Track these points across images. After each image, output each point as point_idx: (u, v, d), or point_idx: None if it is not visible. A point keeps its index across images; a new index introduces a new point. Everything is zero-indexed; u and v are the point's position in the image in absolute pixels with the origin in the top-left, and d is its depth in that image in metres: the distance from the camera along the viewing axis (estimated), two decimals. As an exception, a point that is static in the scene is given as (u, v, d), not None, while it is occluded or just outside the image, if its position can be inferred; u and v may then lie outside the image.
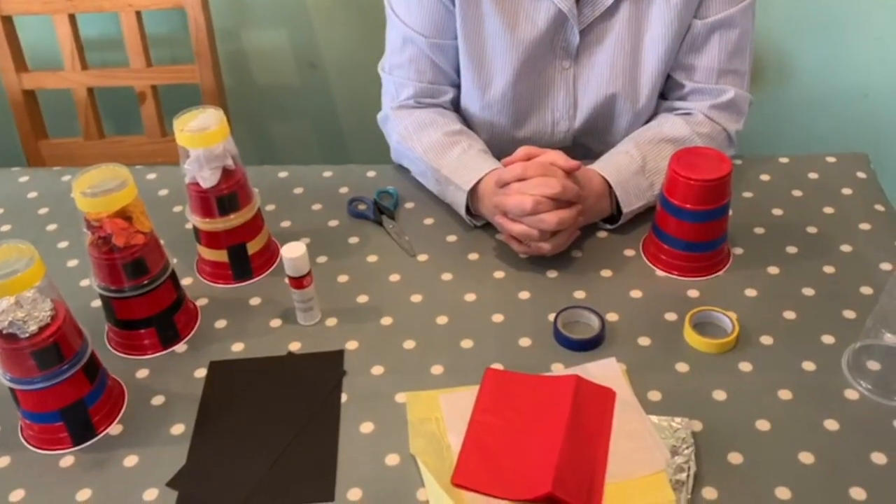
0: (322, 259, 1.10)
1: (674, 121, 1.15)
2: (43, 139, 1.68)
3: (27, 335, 0.82)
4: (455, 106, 1.24)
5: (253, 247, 1.07)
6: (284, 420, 0.90)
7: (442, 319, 1.01)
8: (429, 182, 1.17)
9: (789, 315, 0.99)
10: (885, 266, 1.04)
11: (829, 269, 1.05)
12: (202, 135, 0.97)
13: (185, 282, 1.07)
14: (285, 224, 1.17)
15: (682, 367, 0.93)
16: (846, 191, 1.17)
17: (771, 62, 1.73)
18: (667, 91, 1.20)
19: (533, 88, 1.18)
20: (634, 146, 1.11)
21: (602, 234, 1.12)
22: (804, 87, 1.74)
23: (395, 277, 1.07)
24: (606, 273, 1.06)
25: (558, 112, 1.19)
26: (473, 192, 1.09)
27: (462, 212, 1.11)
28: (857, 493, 0.80)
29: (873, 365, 0.91)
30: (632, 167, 1.08)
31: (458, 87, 1.22)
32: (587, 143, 1.24)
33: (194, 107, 1.00)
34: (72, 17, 1.57)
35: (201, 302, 1.05)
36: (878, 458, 0.83)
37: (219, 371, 0.96)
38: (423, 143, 1.15)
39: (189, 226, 1.08)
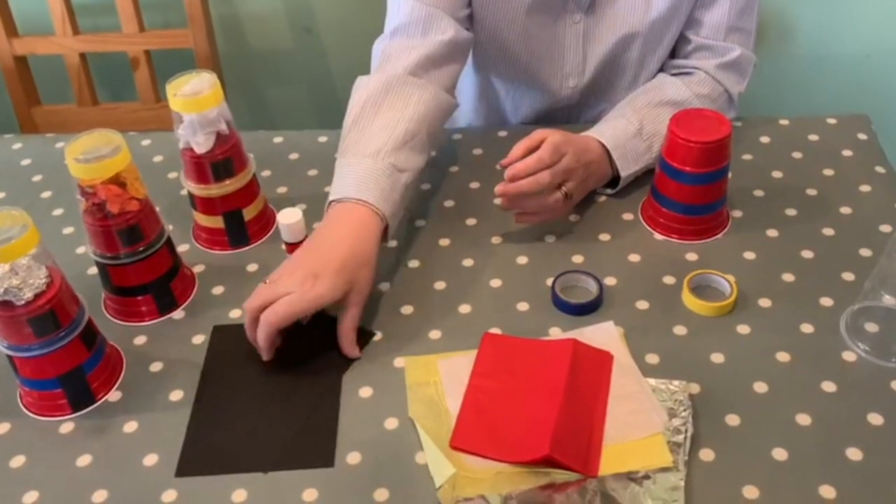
0: (318, 225, 1.10)
1: (672, 82, 1.14)
2: (36, 106, 1.67)
3: (23, 302, 0.82)
4: (457, 48, 1.12)
5: (249, 213, 1.06)
6: (286, 385, 0.90)
7: (440, 285, 1.01)
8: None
9: (788, 277, 0.99)
10: (885, 228, 1.04)
11: (828, 232, 1.04)
12: (195, 99, 0.96)
13: (182, 248, 1.07)
14: (281, 190, 1.16)
15: (680, 330, 0.93)
16: (847, 152, 1.16)
17: (772, 23, 1.71)
18: (674, 48, 1.19)
19: (544, 41, 1.17)
20: (631, 110, 1.10)
21: (601, 199, 1.11)
22: (805, 48, 1.73)
23: (392, 243, 1.07)
24: (605, 237, 1.06)
25: (568, 66, 1.18)
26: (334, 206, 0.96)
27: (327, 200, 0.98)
28: (854, 453, 0.81)
29: (871, 327, 0.91)
30: (629, 130, 1.07)
31: (461, 24, 1.12)
32: (593, 102, 1.24)
33: (187, 71, 0.99)
34: (62, -19, 1.55)
35: (198, 268, 1.05)
36: (875, 419, 0.83)
37: (221, 336, 0.96)
38: (358, 107, 1.03)
39: (184, 192, 1.07)
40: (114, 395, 0.91)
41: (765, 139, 1.19)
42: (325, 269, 0.88)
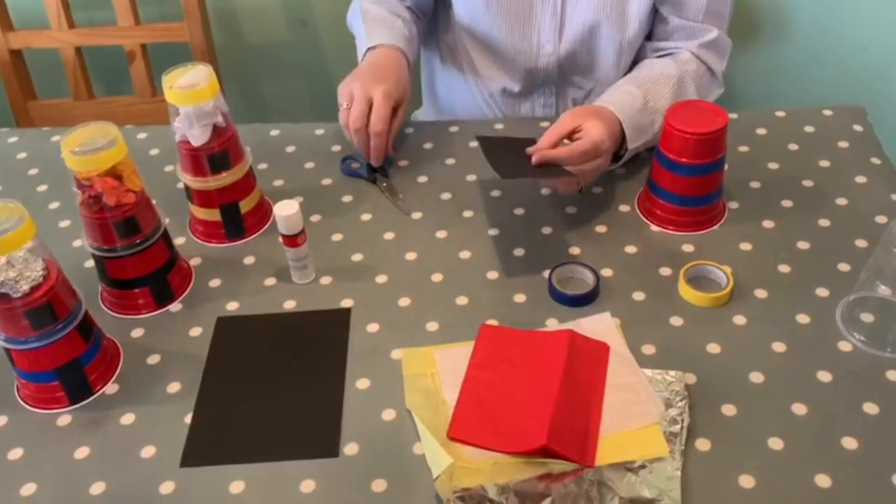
0: (315, 218, 1.10)
1: (660, 61, 1.16)
2: (31, 100, 1.66)
3: (20, 295, 0.82)
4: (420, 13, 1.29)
5: (246, 205, 1.06)
6: (291, 377, 0.90)
7: (437, 277, 1.01)
8: (356, 31, 1.23)
9: (784, 268, 0.99)
10: (881, 219, 1.04)
11: (824, 223, 1.04)
12: (191, 91, 0.95)
13: (178, 241, 1.07)
14: (278, 183, 1.16)
15: (676, 321, 0.93)
16: (842, 144, 1.17)
17: (768, 15, 1.71)
18: (651, 30, 1.21)
19: (520, 4, 1.17)
20: (634, 85, 1.10)
21: (597, 190, 1.11)
22: (801, 40, 1.72)
23: (389, 235, 1.07)
24: (601, 229, 1.06)
25: (544, 34, 1.19)
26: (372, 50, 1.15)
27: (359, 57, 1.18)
28: (849, 442, 0.81)
29: (867, 317, 0.92)
30: (636, 104, 1.08)
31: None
32: (574, 77, 1.24)
33: (183, 63, 0.99)
34: (57, -26, 1.55)
35: (195, 261, 1.05)
36: (871, 408, 0.84)
37: (225, 327, 0.96)
38: (369, 4, 1.22)
39: (181, 185, 1.07)
40: (111, 388, 0.91)
41: (761, 131, 1.19)
42: (376, 81, 1.10)
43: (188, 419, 0.87)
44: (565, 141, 1.02)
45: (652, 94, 1.09)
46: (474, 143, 1.20)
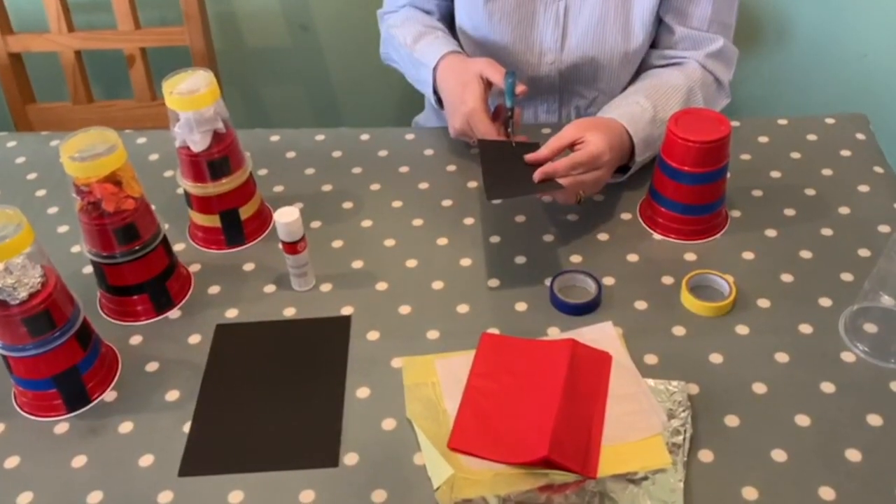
0: (316, 224, 1.09)
1: (670, 71, 1.15)
2: (30, 103, 1.65)
3: (18, 302, 0.81)
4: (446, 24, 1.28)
5: (245, 212, 1.05)
6: (290, 385, 0.90)
7: (437, 284, 1.00)
8: (407, 67, 1.23)
9: (787, 278, 0.98)
10: (884, 228, 1.04)
11: (827, 232, 1.04)
12: (192, 97, 0.95)
13: (178, 247, 1.06)
14: (278, 189, 1.16)
15: (678, 330, 0.93)
16: (845, 152, 1.16)
17: (769, 23, 1.70)
18: (656, 38, 1.20)
19: (522, 12, 1.17)
20: (643, 96, 1.10)
21: (598, 198, 1.11)
22: (803, 48, 1.72)
23: (389, 242, 1.06)
24: (603, 237, 1.05)
25: (546, 43, 1.19)
26: (437, 70, 1.14)
27: (430, 91, 1.17)
28: (853, 454, 0.80)
29: (870, 327, 0.91)
30: (645, 117, 1.07)
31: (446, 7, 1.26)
32: (577, 86, 1.24)
33: (183, 69, 0.98)
34: (57, -22, 1.54)
35: (194, 268, 1.04)
36: (875, 420, 0.83)
37: (224, 335, 0.95)
38: (404, 31, 1.21)
39: (180, 191, 1.06)
40: (109, 396, 0.90)
41: (763, 139, 1.19)
42: (464, 99, 1.09)
43: (187, 427, 0.86)
44: (567, 151, 1.02)
45: (661, 105, 1.09)
46: (476, 150, 1.20)
